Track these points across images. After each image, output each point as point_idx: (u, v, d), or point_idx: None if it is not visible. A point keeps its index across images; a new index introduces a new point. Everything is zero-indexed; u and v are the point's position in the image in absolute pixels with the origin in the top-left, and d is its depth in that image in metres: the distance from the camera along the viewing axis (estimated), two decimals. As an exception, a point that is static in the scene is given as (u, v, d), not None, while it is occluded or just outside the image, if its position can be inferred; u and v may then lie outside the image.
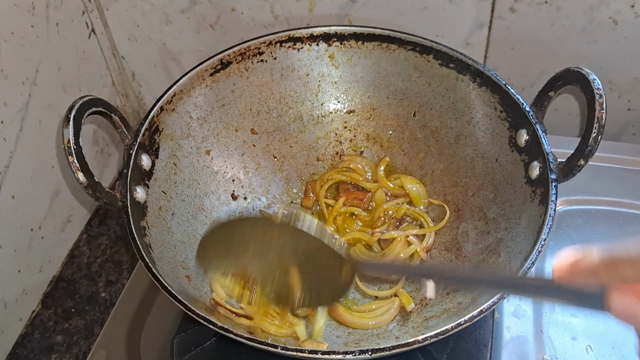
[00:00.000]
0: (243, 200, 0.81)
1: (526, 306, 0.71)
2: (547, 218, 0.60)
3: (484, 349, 0.67)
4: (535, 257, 0.58)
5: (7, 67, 0.73)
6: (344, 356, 0.51)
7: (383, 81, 0.82)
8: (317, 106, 0.85)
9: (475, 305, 0.58)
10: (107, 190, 0.63)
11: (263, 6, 0.90)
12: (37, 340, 0.79)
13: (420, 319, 0.66)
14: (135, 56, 1.01)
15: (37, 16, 0.79)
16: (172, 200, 0.72)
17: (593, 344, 0.67)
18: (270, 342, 0.53)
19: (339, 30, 0.80)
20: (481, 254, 0.69)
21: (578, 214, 0.79)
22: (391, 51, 0.79)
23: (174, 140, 0.74)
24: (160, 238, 0.67)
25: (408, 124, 0.82)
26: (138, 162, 0.68)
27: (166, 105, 0.73)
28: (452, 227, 0.76)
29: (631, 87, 0.86)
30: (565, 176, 0.63)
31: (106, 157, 0.98)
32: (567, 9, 0.80)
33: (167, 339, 0.70)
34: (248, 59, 0.79)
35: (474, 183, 0.75)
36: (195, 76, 0.76)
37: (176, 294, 0.56)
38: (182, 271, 0.67)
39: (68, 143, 0.59)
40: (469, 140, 0.77)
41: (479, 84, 0.74)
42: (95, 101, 0.64)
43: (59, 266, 0.88)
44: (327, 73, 0.83)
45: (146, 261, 0.59)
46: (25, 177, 0.78)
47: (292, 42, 0.80)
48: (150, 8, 0.93)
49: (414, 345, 0.53)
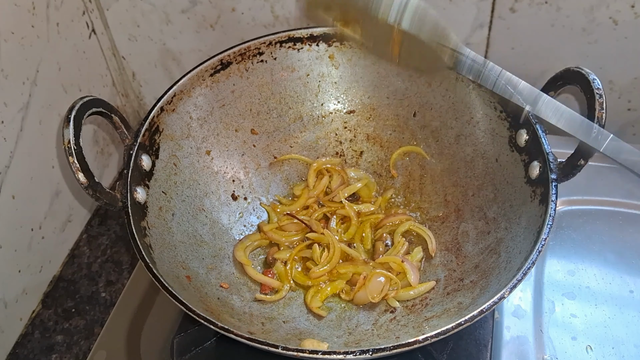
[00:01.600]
0: (243, 200, 0.81)
1: (526, 306, 0.71)
2: (547, 218, 0.60)
3: (484, 349, 0.67)
4: (536, 257, 0.58)
5: (8, 67, 0.73)
6: (344, 356, 0.52)
7: (383, 81, 0.82)
8: (317, 106, 0.85)
9: (475, 305, 0.58)
10: (107, 190, 0.63)
11: (263, 6, 0.90)
12: (37, 340, 0.79)
13: (421, 319, 0.66)
14: (135, 56, 1.01)
15: (37, 16, 0.79)
16: (172, 200, 0.72)
17: (593, 344, 0.67)
18: (270, 342, 0.53)
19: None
20: (481, 253, 0.70)
21: (578, 214, 0.79)
22: (391, 51, 0.80)
23: (174, 140, 0.74)
24: (161, 238, 0.67)
25: (408, 124, 0.83)
26: (138, 163, 0.68)
27: (166, 105, 0.73)
28: (452, 227, 0.76)
29: (631, 87, 0.86)
30: (566, 176, 0.63)
31: (106, 157, 0.98)
32: (567, 9, 0.80)
33: (167, 339, 0.70)
34: (248, 59, 0.79)
35: (474, 183, 0.76)
36: (195, 76, 0.76)
37: (177, 294, 0.56)
38: (183, 271, 0.67)
39: (68, 143, 0.59)
40: (469, 140, 0.77)
41: (478, 84, 0.74)
42: (96, 101, 0.64)
43: (59, 266, 0.88)
44: (327, 73, 0.83)
45: (147, 261, 0.59)
46: (25, 177, 0.78)
47: (292, 42, 0.80)
48: (150, 8, 0.94)
49: (415, 345, 0.53)
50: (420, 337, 0.53)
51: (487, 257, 0.68)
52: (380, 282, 0.70)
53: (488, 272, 0.66)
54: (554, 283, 0.73)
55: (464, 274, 0.69)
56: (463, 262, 0.71)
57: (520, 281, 0.56)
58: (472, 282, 0.67)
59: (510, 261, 0.63)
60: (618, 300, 0.70)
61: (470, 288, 0.66)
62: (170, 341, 0.68)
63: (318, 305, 0.70)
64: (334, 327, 0.69)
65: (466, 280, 0.68)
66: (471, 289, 0.65)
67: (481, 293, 0.63)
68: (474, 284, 0.66)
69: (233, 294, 0.71)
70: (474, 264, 0.69)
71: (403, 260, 0.71)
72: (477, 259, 0.70)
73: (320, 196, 0.82)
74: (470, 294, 0.64)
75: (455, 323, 0.53)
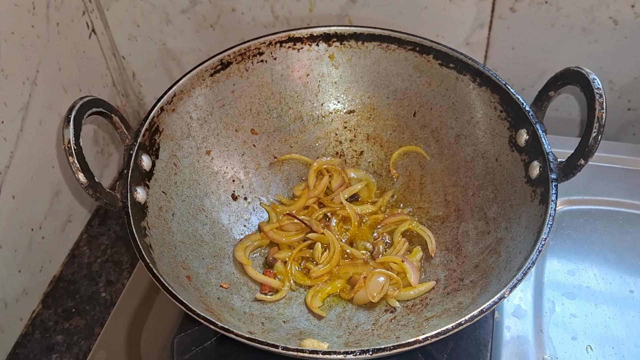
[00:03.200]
0: (243, 200, 0.81)
1: (526, 306, 0.71)
2: (548, 217, 0.60)
3: (484, 349, 0.67)
4: (536, 257, 0.58)
5: (8, 67, 0.73)
6: (344, 356, 0.51)
7: (383, 81, 0.82)
8: (317, 106, 0.85)
9: (475, 305, 0.58)
10: (107, 190, 0.63)
11: (263, 6, 0.90)
12: (37, 340, 0.79)
13: (421, 319, 0.66)
14: (135, 56, 1.01)
15: (37, 16, 0.79)
16: (172, 200, 0.72)
17: (593, 344, 0.67)
18: (270, 342, 0.53)
19: (338, 31, 0.80)
20: (481, 253, 0.70)
21: (578, 214, 0.79)
22: (391, 51, 0.79)
23: (174, 140, 0.74)
24: (161, 238, 0.67)
25: (408, 124, 0.83)
26: (138, 163, 0.68)
27: (166, 105, 0.73)
28: (453, 227, 0.76)
29: (631, 87, 0.86)
30: (566, 176, 0.63)
31: (106, 157, 0.98)
32: (567, 8, 0.80)
33: (167, 339, 0.70)
34: (248, 59, 0.79)
35: (474, 183, 0.76)
36: (195, 76, 0.76)
37: (177, 294, 0.56)
38: (183, 271, 0.67)
39: (68, 144, 0.59)
40: (469, 140, 0.77)
41: (479, 84, 0.74)
42: (96, 102, 0.64)
43: (59, 266, 0.88)
44: (327, 73, 0.83)
45: (147, 261, 0.59)
46: (25, 177, 0.78)
47: (292, 42, 0.80)
48: (150, 8, 0.94)
49: (415, 345, 0.53)
50: (420, 337, 0.53)
51: (487, 257, 0.68)
52: (380, 282, 0.70)
53: (488, 272, 0.66)
54: (554, 283, 0.73)
55: (464, 273, 0.69)
56: (463, 262, 0.71)
57: (521, 281, 0.56)
58: (472, 282, 0.67)
59: (510, 261, 0.63)
60: (618, 300, 0.70)
61: (471, 288, 0.66)
62: (170, 341, 0.68)
63: (318, 305, 0.70)
64: (334, 327, 0.69)
65: (466, 280, 0.68)
66: (471, 289, 0.65)
67: (481, 293, 0.63)
68: (474, 284, 0.66)
69: (233, 293, 0.71)
70: (474, 264, 0.69)
71: (403, 260, 0.71)
72: (477, 259, 0.70)
73: (321, 196, 0.82)
74: (471, 294, 0.64)
75: (456, 323, 0.53)
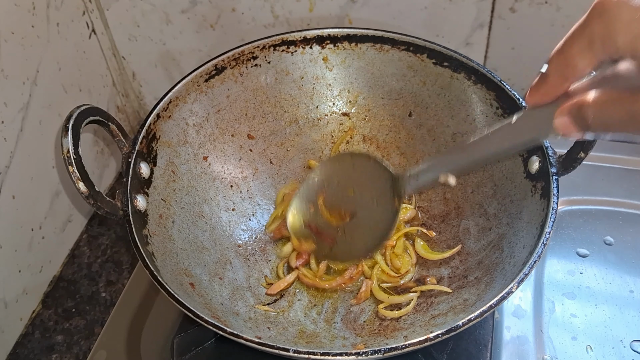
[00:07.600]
0: (242, 205, 0.80)
1: (526, 306, 0.71)
2: (550, 211, 0.60)
3: (484, 349, 0.67)
4: (541, 251, 0.57)
5: (8, 67, 0.73)
6: (356, 357, 0.51)
7: (378, 82, 0.82)
8: (313, 109, 0.85)
9: (482, 301, 0.58)
10: (107, 199, 0.62)
11: (263, 6, 0.90)
12: (37, 340, 0.79)
13: (427, 317, 0.66)
14: (135, 56, 1.01)
15: (37, 16, 0.79)
16: (171, 207, 0.71)
17: (593, 344, 0.67)
18: (281, 346, 0.53)
19: (332, 33, 0.80)
20: (484, 250, 0.69)
21: (578, 214, 0.79)
22: (385, 52, 0.79)
23: (171, 147, 0.74)
24: (162, 246, 0.67)
25: (404, 124, 0.82)
26: (137, 171, 0.67)
27: (162, 112, 0.73)
28: (453, 224, 0.76)
29: (631, 87, 0.86)
30: (566, 169, 0.63)
31: (106, 157, 0.98)
32: (567, 8, 0.80)
33: (167, 339, 0.70)
34: (242, 63, 0.79)
35: (473, 180, 0.75)
36: (190, 82, 0.75)
37: (184, 302, 0.56)
38: (186, 279, 0.66)
39: (67, 153, 0.58)
40: (466, 138, 0.77)
41: (474, 82, 0.74)
42: (93, 110, 0.64)
43: (59, 266, 0.88)
44: (322, 75, 0.83)
45: (151, 270, 0.58)
46: (25, 177, 0.78)
47: (285, 45, 0.80)
48: (150, 8, 0.94)
49: (426, 343, 0.52)
50: (431, 334, 0.52)
51: (490, 253, 0.68)
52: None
53: (492, 268, 0.66)
54: (554, 283, 0.73)
55: (468, 270, 0.69)
56: (466, 259, 0.71)
57: (527, 275, 0.56)
58: (476, 278, 0.67)
59: (514, 256, 0.63)
60: (618, 300, 0.70)
61: (475, 284, 0.66)
62: (170, 341, 0.68)
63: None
64: (340, 328, 0.69)
65: (470, 277, 0.68)
66: (476, 286, 0.65)
67: (487, 289, 0.63)
68: (478, 280, 0.66)
69: (237, 299, 0.70)
70: (477, 260, 0.69)
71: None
72: (479, 255, 0.70)
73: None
74: (476, 290, 0.64)
75: (466, 319, 0.53)
